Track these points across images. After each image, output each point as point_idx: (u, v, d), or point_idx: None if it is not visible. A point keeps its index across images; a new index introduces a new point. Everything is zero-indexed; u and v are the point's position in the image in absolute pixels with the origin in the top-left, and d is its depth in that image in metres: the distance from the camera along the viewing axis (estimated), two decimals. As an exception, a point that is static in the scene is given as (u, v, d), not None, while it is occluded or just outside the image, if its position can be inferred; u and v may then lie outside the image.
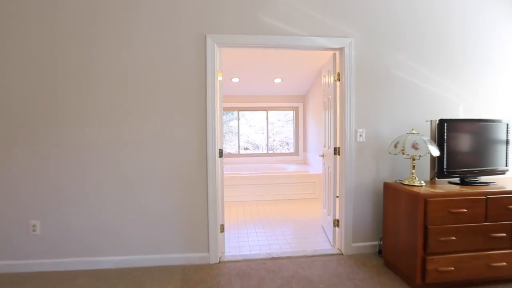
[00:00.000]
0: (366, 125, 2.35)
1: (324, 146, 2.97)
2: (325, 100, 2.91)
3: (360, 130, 2.34)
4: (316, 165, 4.78)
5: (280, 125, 5.83)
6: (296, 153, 5.62)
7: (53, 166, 2.10)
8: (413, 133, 2.05)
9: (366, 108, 2.34)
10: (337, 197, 2.53)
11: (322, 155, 3.02)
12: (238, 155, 5.54)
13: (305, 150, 5.54)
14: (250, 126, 5.80)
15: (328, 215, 2.74)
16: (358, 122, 2.34)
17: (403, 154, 2.03)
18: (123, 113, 2.14)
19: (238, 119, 5.56)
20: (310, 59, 4.15)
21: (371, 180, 2.37)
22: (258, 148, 5.80)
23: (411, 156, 2.06)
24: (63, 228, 2.14)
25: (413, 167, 2.08)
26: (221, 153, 2.34)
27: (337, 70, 2.44)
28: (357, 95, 2.33)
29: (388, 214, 2.13)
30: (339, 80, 2.42)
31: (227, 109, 5.53)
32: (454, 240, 1.76)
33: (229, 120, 5.72)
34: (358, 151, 2.35)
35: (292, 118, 5.73)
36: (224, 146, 5.74)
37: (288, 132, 5.83)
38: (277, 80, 4.79)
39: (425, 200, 1.75)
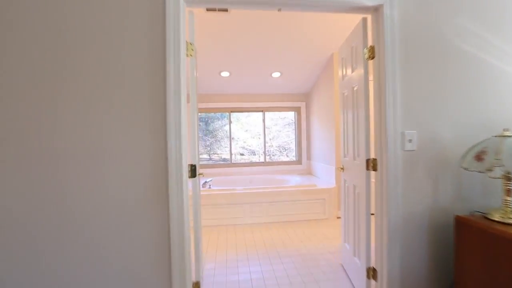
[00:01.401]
0: (417, 125, 1.53)
1: (345, 156, 2.15)
2: (345, 92, 2.10)
3: (409, 133, 1.52)
4: (324, 176, 3.95)
5: (277, 129, 5.02)
6: (298, 161, 4.79)
7: None
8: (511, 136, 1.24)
9: (417, 99, 1.53)
10: (372, 214, 1.70)
11: (341, 168, 2.19)
12: (231, 164, 4.69)
13: (309, 158, 4.71)
14: (246, 131, 4.99)
15: (355, 256, 1.90)
16: (406, 120, 1.52)
17: (490, 170, 1.21)
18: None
19: (230, 122, 4.73)
20: (316, 45, 3.36)
21: (426, 208, 1.55)
22: (255, 154, 4.97)
23: (506, 174, 1.24)
24: None
25: (508, 192, 1.26)
26: (193, 171, 1.50)
27: (370, 43, 1.63)
28: (404, 79, 1.52)
29: (468, 269, 1.30)
30: (373, 58, 1.61)
31: (216, 110, 4.70)
32: None
33: (224, 125, 4.89)
34: (406, 164, 1.53)
35: (293, 120, 4.92)
36: (220, 152, 4.89)
37: (286, 137, 5.00)
38: (276, 74, 3.98)
39: None
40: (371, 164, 1.64)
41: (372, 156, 1.65)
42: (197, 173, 1.55)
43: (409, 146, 1.52)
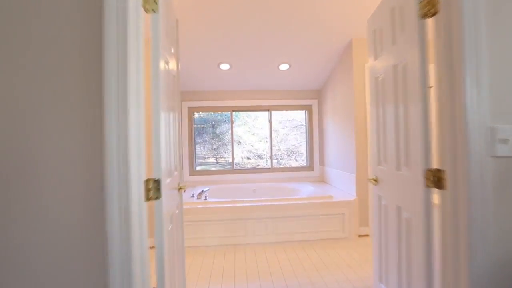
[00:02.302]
0: (515, 115, 0.95)
1: (379, 164, 1.57)
2: (380, 76, 1.53)
3: (503, 129, 0.94)
4: (341, 185, 3.36)
5: (285, 132, 4.45)
6: (310, 167, 4.20)
7: None
8: None
9: (514, 74, 0.95)
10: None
11: (375, 180, 1.61)
12: (232, 170, 4.14)
13: (322, 163, 4.12)
14: (254, 134, 4.43)
15: (401, 309, 1.31)
16: (497, 110, 0.94)
17: None
18: None
19: (232, 123, 4.19)
20: (331, 31, 2.79)
21: (530, 251, 0.96)
22: (262, 158, 4.41)
23: None
24: None
25: None
26: (156, 190, 0.95)
27: (429, -8, 1.07)
28: (493, 44, 0.95)
29: None
30: (433, 15, 1.04)
31: (216, 109, 4.18)
32: None
33: (228, 130, 4.33)
34: (499, 178, 0.94)
35: (303, 122, 4.35)
36: (227, 155, 4.31)
37: (294, 140, 4.43)
38: (284, 66, 3.43)
39: None
40: (433, 178, 1.06)
41: (435, 165, 1.07)
42: (163, 194, 1.00)
43: (504, 150, 0.94)
